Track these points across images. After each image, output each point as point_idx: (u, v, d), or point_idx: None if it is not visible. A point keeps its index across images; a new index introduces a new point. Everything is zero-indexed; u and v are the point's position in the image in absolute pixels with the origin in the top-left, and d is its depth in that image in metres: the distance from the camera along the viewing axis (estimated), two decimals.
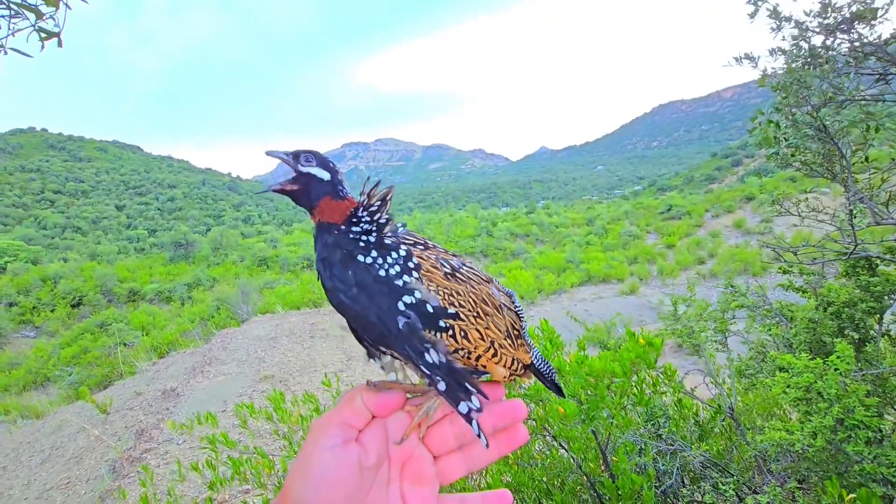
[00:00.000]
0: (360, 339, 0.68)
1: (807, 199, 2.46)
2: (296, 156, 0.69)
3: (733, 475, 2.15)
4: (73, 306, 26.67)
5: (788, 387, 2.00)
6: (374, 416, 0.65)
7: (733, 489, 2.01)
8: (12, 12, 1.39)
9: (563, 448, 2.20)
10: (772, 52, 1.93)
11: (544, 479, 2.29)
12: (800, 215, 2.47)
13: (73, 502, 4.81)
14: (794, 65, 1.89)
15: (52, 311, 25.86)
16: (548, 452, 2.39)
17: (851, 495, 1.26)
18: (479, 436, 0.62)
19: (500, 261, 37.17)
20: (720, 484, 2.04)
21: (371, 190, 0.69)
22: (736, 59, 1.97)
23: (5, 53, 1.36)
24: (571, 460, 2.19)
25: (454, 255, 0.71)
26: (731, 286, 3.69)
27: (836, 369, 1.90)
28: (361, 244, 0.64)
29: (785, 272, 3.17)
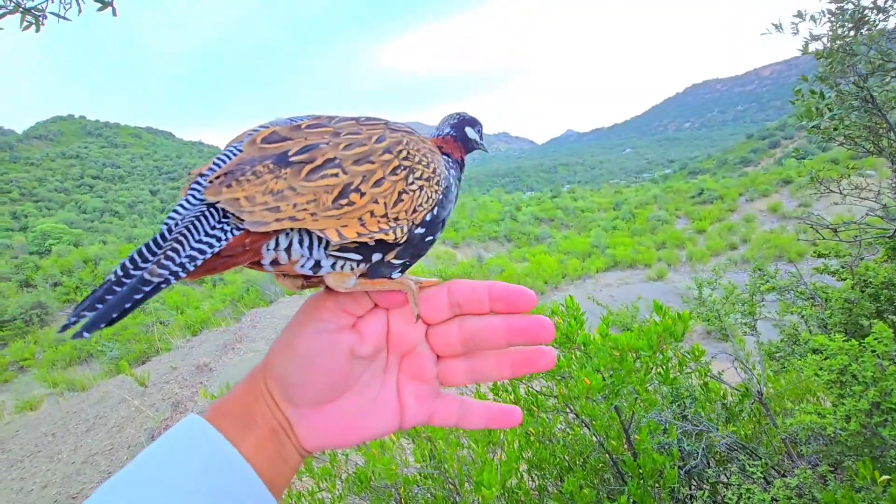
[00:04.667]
0: None
1: (849, 174, 2.33)
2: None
3: (761, 458, 2.11)
4: None
5: (821, 369, 1.93)
6: (376, 305, 0.59)
7: (761, 472, 1.97)
8: None
9: (586, 426, 2.20)
10: (818, 14, 1.80)
11: (566, 456, 2.29)
12: (841, 192, 2.35)
13: (116, 467, 5.12)
14: (839, 30, 1.77)
15: (93, 291, 27.13)
16: (569, 431, 2.39)
17: (885, 476, 1.22)
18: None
19: (523, 245, 36.83)
20: (747, 466, 2.01)
21: None
22: (775, 25, 1.85)
23: (44, 20, 1.42)
24: (594, 438, 2.19)
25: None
26: (760, 269, 3.55)
27: (872, 351, 1.82)
28: None
29: (820, 255, 3.02)
